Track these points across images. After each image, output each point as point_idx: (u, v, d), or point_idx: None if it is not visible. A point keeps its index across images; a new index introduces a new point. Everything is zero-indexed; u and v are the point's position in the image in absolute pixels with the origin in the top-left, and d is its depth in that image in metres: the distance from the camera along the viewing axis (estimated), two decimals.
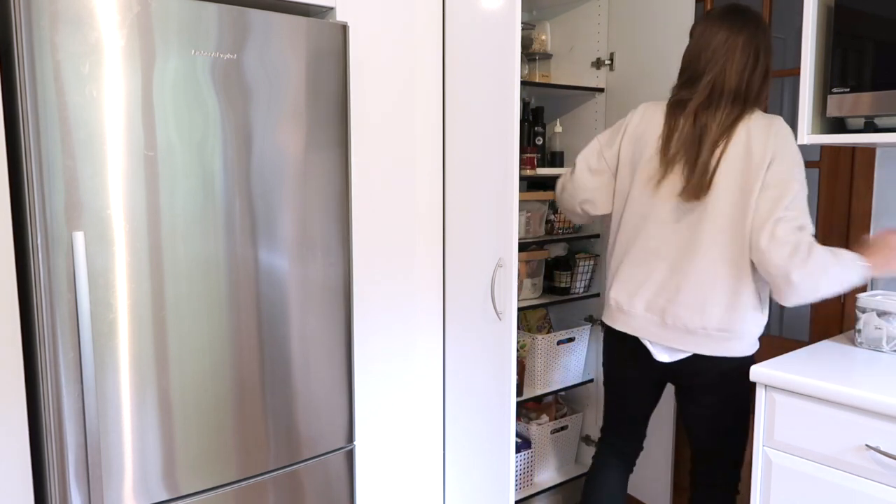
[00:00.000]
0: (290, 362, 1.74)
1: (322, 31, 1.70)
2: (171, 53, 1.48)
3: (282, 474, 1.76)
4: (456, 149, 2.03)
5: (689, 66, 1.78)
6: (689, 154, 1.72)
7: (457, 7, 1.97)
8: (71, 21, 1.36)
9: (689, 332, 1.74)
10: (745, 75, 1.71)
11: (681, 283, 1.74)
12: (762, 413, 1.60)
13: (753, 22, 1.74)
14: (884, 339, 1.69)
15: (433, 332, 2.11)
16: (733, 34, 1.71)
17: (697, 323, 1.72)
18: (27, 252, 1.40)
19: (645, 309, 1.80)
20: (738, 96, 1.71)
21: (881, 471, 1.42)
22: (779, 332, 2.99)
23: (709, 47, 1.73)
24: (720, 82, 1.71)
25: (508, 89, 1.83)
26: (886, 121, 1.57)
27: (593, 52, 2.61)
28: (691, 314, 1.73)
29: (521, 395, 2.48)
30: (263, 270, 1.67)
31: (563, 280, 2.60)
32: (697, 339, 1.74)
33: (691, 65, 1.78)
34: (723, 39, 1.72)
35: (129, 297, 1.48)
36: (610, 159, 1.90)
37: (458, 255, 2.06)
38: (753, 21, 1.74)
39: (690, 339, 1.74)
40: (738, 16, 1.74)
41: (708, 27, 1.76)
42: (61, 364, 1.41)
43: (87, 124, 1.39)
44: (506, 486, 1.98)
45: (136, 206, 1.47)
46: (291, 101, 1.67)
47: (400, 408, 2.05)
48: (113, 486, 1.50)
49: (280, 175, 1.67)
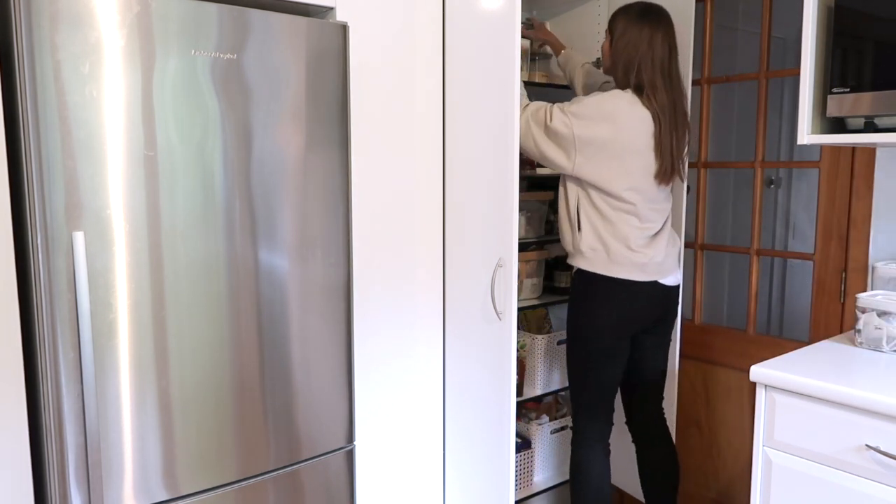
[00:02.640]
0: (290, 362, 1.74)
1: (322, 31, 1.70)
2: (171, 53, 1.48)
3: (282, 474, 1.76)
4: (456, 148, 2.03)
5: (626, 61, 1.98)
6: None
7: (457, 7, 1.97)
8: (71, 21, 1.35)
9: (677, 263, 2.14)
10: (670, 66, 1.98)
11: (665, 230, 2.10)
12: (762, 413, 1.61)
13: (667, 19, 1.98)
14: (884, 339, 1.69)
15: (433, 332, 2.11)
16: (656, 31, 1.95)
17: (676, 255, 2.14)
18: (27, 252, 1.40)
19: (663, 255, 2.07)
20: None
21: (881, 471, 1.42)
22: (779, 332, 2.99)
23: (640, 43, 1.95)
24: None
25: (508, 89, 1.83)
26: (886, 121, 1.57)
27: (593, 52, 2.61)
28: (675, 249, 2.13)
29: (521, 395, 2.48)
30: (263, 270, 1.67)
31: (563, 280, 2.60)
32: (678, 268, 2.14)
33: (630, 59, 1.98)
34: (647, 36, 1.94)
35: (129, 297, 1.48)
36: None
37: (458, 255, 2.06)
38: (666, 18, 1.98)
39: (678, 269, 2.15)
40: (655, 14, 1.97)
41: (630, 25, 1.97)
42: (61, 364, 1.41)
43: (87, 124, 1.39)
44: (506, 486, 1.98)
45: (136, 206, 1.47)
46: (291, 101, 1.67)
47: (400, 408, 2.05)
48: (113, 486, 1.50)
49: (280, 175, 1.67)
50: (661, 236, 2.02)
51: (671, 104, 1.95)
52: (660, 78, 1.94)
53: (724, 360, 2.43)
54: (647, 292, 2.01)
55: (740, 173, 2.90)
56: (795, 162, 3.00)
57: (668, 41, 1.95)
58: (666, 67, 1.95)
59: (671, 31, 1.97)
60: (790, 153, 3.00)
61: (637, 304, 2.01)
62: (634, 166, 1.92)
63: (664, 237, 2.03)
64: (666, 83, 1.94)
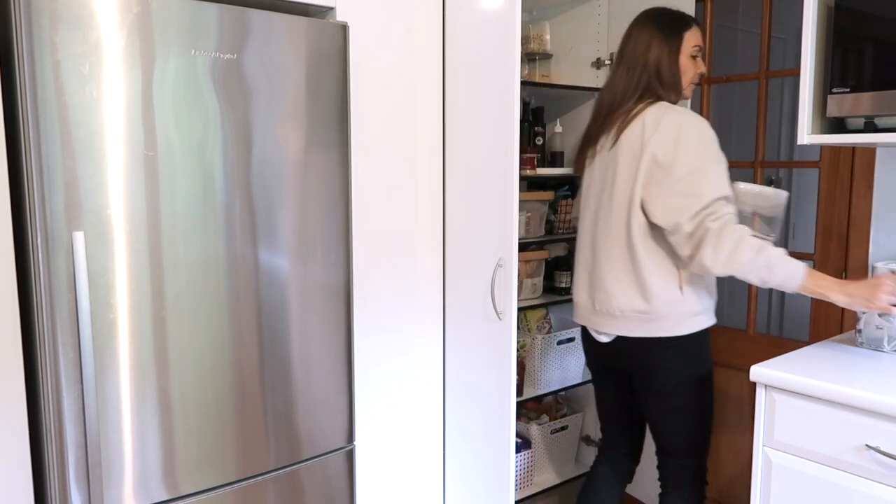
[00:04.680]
0: (290, 362, 1.74)
1: (322, 31, 1.70)
2: (171, 53, 1.48)
3: (282, 474, 1.76)
4: (456, 148, 2.03)
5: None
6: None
7: (457, 7, 1.97)
8: (71, 21, 1.35)
9: (611, 315, 1.84)
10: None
11: (600, 270, 1.85)
12: (762, 413, 1.60)
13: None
14: (885, 339, 1.69)
15: (433, 332, 2.11)
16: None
17: (615, 305, 1.82)
18: (27, 252, 1.40)
19: (584, 297, 1.92)
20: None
21: (881, 471, 1.42)
22: (779, 332, 2.99)
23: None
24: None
25: (508, 89, 1.83)
26: (886, 121, 1.57)
27: (593, 52, 2.61)
28: (609, 298, 1.83)
29: (521, 395, 2.48)
30: (263, 270, 1.67)
31: (563, 280, 2.60)
32: (617, 321, 1.83)
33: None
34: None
35: (129, 297, 1.48)
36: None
37: (458, 255, 2.06)
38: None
39: (613, 321, 1.85)
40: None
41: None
42: (61, 364, 1.41)
43: (87, 124, 1.39)
44: (506, 486, 1.98)
45: (136, 206, 1.47)
46: (291, 101, 1.67)
47: (400, 408, 2.05)
48: (113, 486, 1.50)
49: (280, 175, 1.67)
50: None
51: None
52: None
53: (724, 359, 2.43)
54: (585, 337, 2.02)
55: (740, 173, 2.90)
56: (795, 162, 3.00)
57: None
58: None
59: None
60: (790, 153, 3.00)
61: (586, 350, 2.07)
62: None
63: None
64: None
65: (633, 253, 1.77)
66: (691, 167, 1.67)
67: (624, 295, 1.80)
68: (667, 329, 1.77)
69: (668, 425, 1.87)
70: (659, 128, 1.73)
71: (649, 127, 1.75)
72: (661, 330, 1.78)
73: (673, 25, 1.85)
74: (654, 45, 1.83)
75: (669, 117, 1.74)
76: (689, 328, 1.78)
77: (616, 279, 1.81)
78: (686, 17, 1.88)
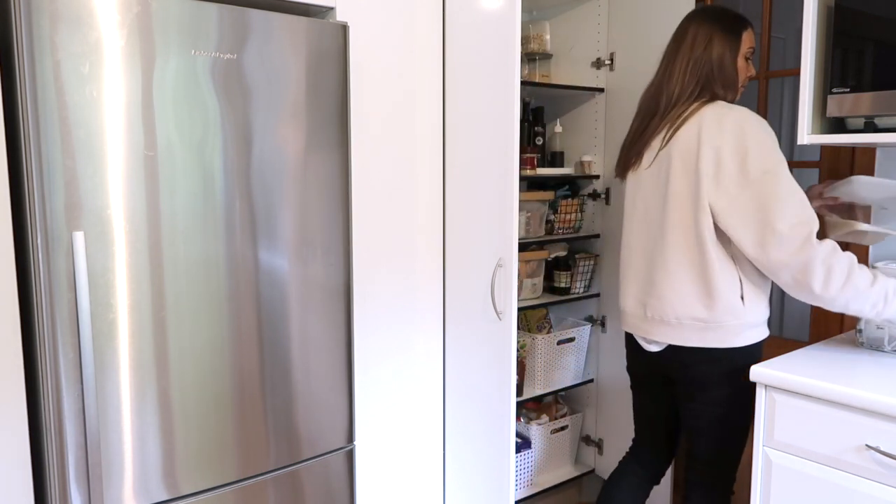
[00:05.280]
0: (290, 362, 1.74)
1: (322, 31, 1.70)
2: (171, 53, 1.48)
3: (282, 474, 1.76)
4: (456, 149, 2.03)
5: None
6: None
7: (457, 7, 1.97)
8: (71, 21, 1.36)
9: (665, 323, 1.76)
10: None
11: (654, 276, 1.78)
12: (762, 413, 1.60)
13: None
14: (885, 339, 1.69)
15: (433, 332, 2.11)
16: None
17: (670, 313, 1.74)
18: (27, 252, 1.40)
19: (633, 304, 1.85)
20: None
21: (881, 471, 1.42)
22: (779, 332, 2.99)
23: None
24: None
25: (508, 89, 1.83)
26: (886, 121, 1.57)
27: (593, 52, 2.61)
28: (663, 305, 1.75)
29: (521, 395, 2.49)
30: (263, 270, 1.67)
31: (563, 280, 2.60)
32: (672, 329, 1.75)
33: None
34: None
35: (129, 297, 1.48)
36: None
37: (458, 255, 2.06)
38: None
39: (667, 329, 1.76)
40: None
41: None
42: (61, 364, 1.41)
43: (87, 124, 1.39)
44: (506, 486, 1.98)
45: (136, 206, 1.47)
46: (291, 102, 1.67)
47: (400, 408, 2.05)
48: (113, 486, 1.50)
49: (280, 175, 1.67)
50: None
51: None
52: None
53: None
54: (630, 344, 1.97)
55: None
56: (795, 162, 2.99)
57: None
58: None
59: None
60: (790, 153, 3.00)
61: (628, 356, 2.03)
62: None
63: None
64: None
65: (705, 257, 1.67)
66: (764, 168, 1.59)
67: (682, 302, 1.71)
68: (723, 339, 1.70)
69: (709, 435, 1.80)
70: (723, 127, 1.64)
71: (711, 126, 1.66)
72: (718, 340, 1.70)
73: (733, 24, 1.78)
74: (716, 42, 1.74)
75: (733, 116, 1.66)
76: (745, 340, 1.71)
77: (673, 285, 1.72)
78: (743, 17, 1.81)
